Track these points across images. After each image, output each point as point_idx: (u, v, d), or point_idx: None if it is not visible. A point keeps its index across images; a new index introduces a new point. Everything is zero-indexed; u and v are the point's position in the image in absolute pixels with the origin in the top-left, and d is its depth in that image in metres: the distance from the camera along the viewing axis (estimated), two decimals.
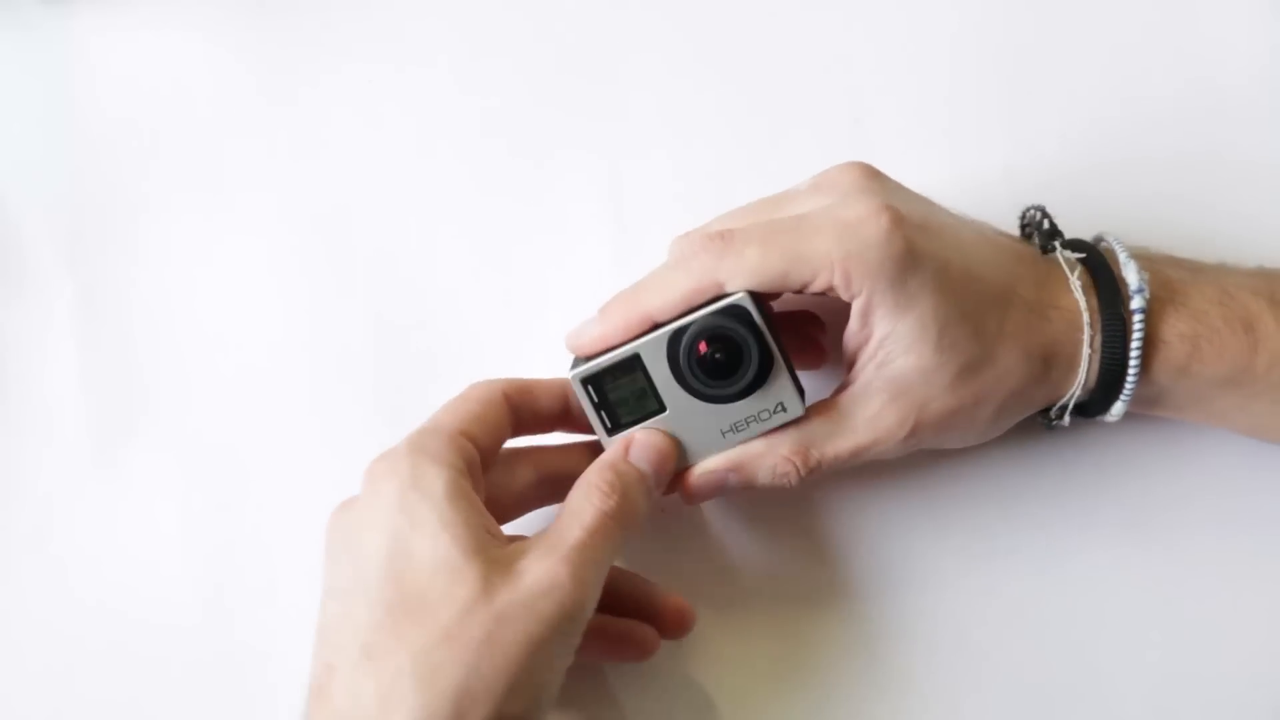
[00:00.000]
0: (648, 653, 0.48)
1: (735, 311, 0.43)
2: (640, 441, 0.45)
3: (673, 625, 0.48)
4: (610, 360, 0.44)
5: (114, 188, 0.56)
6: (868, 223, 0.42)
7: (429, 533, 0.41)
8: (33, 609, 0.52)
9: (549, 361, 0.47)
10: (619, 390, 0.45)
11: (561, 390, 0.47)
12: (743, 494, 0.48)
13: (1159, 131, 0.56)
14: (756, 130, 0.56)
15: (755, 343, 0.43)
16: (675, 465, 0.45)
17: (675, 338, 0.44)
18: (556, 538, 0.42)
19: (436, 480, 0.41)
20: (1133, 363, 0.45)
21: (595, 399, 0.45)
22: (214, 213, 0.56)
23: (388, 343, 0.54)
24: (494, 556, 0.41)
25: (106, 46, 0.58)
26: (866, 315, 0.43)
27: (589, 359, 0.45)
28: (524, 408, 0.46)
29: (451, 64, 0.58)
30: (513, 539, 0.43)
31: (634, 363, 0.44)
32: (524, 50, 0.58)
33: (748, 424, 0.45)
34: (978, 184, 0.54)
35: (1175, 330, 0.45)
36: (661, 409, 0.45)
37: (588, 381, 0.45)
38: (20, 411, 0.54)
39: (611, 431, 0.45)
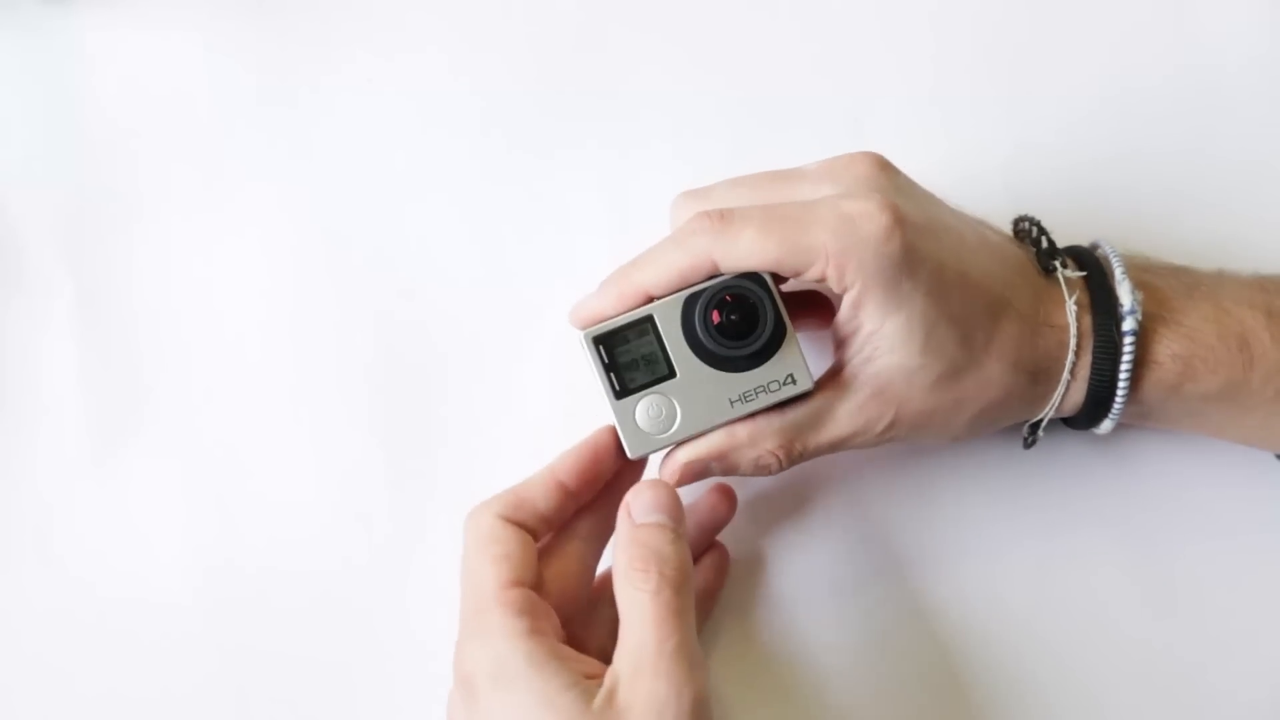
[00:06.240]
0: (727, 562, 0.50)
1: (751, 276, 0.44)
2: (637, 500, 0.43)
3: (724, 512, 0.49)
4: (623, 321, 0.44)
5: (114, 187, 0.56)
6: (869, 219, 0.42)
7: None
8: (33, 608, 0.52)
9: (549, 355, 0.47)
10: (630, 353, 0.44)
11: (552, 480, 0.45)
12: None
13: (1158, 127, 0.56)
14: (757, 123, 0.56)
15: (770, 306, 0.44)
16: (680, 503, 0.44)
17: (691, 301, 0.44)
18: (635, 653, 0.40)
19: (516, 656, 0.40)
20: (1121, 384, 0.45)
21: (605, 360, 0.44)
22: (214, 212, 0.56)
23: (388, 340, 0.54)
24: (597, 710, 0.39)
25: (107, 46, 0.57)
26: (857, 308, 0.43)
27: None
28: (526, 522, 0.44)
29: (451, 61, 0.58)
30: (596, 671, 0.41)
31: (647, 325, 0.44)
32: (523, 47, 0.58)
33: (757, 394, 0.44)
34: (978, 183, 0.54)
35: (1168, 351, 0.45)
36: (671, 374, 0.44)
37: (599, 341, 0.44)
38: (20, 411, 0.54)
39: (620, 395, 0.44)
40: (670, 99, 0.57)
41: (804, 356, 0.45)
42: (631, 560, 0.42)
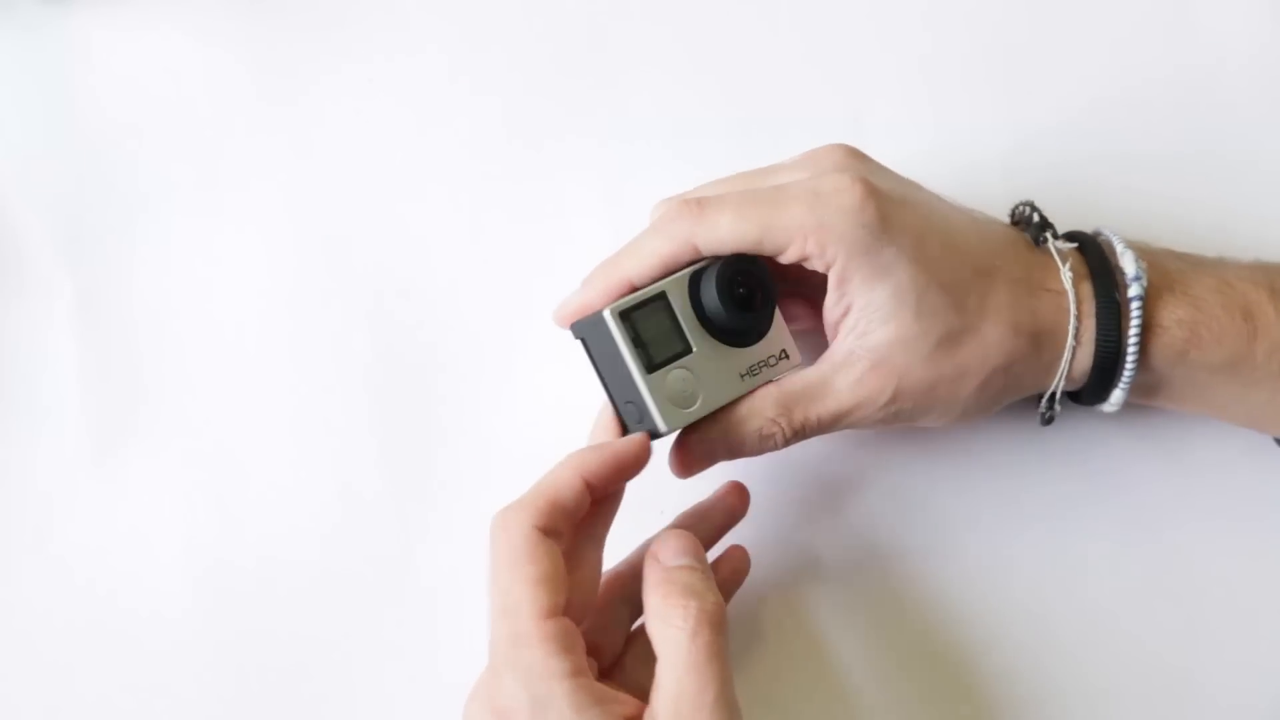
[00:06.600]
0: (747, 563, 0.48)
1: (743, 255, 0.45)
2: (664, 547, 0.43)
3: (738, 508, 0.48)
4: (640, 296, 0.44)
5: (113, 187, 0.56)
6: (842, 193, 0.43)
7: None
8: (33, 609, 0.52)
9: (549, 355, 0.47)
10: (650, 329, 0.44)
11: (581, 482, 0.43)
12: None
13: (1158, 126, 0.56)
14: (757, 123, 0.57)
15: (769, 279, 0.45)
16: (704, 551, 0.44)
17: (697, 276, 0.45)
18: (673, 700, 0.39)
19: (559, 702, 0.39)
20: (1130, 348, 0.45)
21: (631, 335, 0.44)
22: (214, 211, 0.56)
23: (387, 340, 0.54)
24: None
25: (106, 46, 0.57)
26: (842, 285, 0.44)
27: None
28: (558, 528, 0.42)
29: (451, 61, 0.58)
30: (633, 713, 0.40)
31: (661, 300, 0.44)
32: (523, 45, 0.58)
33: (761, 369, 0.46)
34: (979, 184, 0.54)
35: (1174, 316, 0.46)
36: (689, 349, 0.45)
37: (623, 315, 0.44)
38: (20, 411, 0.54)
39: (650, 369, 0.44)
40: (670, 99, 0.57)
41: (789, 331, 0.46)
42: (667, 596, 0.41)
